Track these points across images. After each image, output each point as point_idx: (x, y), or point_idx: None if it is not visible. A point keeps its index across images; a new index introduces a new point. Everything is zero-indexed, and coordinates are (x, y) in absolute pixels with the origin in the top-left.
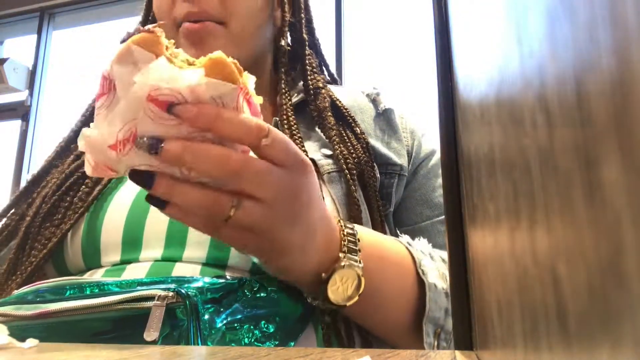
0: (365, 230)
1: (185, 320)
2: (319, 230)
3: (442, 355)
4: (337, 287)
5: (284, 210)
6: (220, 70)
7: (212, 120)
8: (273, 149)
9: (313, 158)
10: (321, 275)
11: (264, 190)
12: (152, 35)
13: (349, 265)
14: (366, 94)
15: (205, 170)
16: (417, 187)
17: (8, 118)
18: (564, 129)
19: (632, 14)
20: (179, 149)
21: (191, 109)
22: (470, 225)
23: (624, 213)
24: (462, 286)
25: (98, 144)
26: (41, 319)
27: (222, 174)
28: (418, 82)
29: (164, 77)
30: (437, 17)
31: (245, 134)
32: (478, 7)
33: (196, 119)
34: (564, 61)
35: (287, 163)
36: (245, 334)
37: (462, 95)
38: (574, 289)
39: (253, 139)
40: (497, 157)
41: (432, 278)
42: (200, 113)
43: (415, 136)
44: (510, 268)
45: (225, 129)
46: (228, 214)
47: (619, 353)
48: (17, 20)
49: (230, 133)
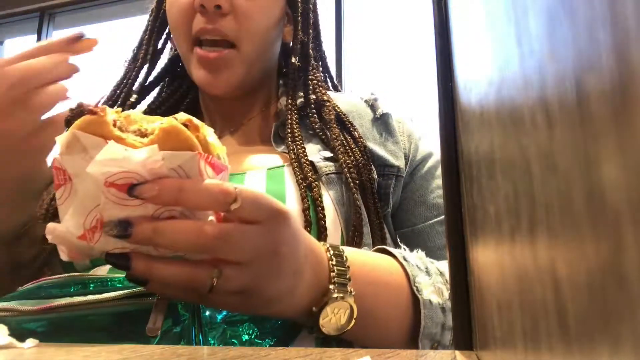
0: (354, 252)
1: (187, 316)
2: (306, 269)
3: (442, 355)
4: (329, 319)
5: (266, 266)
6: (175, 139)
7: (175, 195)
8: (244, 210)
9: (313, 160)
10: (312, 310)
11: (242, 253)
12: (97, 118)
13: (340, 297)
14: (364, 99)
15: (177, 247)
16: (415, 189)
17: None
18: (564, 129)
19: (632, 14)
20: (148, 230)
21: (152, 187)
22: (470, 225)
23: (624, 213)
24: (462, 286)
25: (67, 238)
26: (45, 313)
27: (196, 248)
28: (418, 82)
29: (117, 160)
30: (437, 17)
31: (213, 201)
32: (478, 7)
33: (159, 197)
34: (564, 61)
35: (260, 219)
36: (245, 330)
37: (462, 95)
38: (574, 289)
39: (221, 205)
40: (497, 157)
41: (427, 294)
42: (162, 190)
43: (412, 139)
44: (510, 268)
45: (191, 200)
46: (210, 284)
47: (619, 353)
48: (17, 20)
49: (196, 203)
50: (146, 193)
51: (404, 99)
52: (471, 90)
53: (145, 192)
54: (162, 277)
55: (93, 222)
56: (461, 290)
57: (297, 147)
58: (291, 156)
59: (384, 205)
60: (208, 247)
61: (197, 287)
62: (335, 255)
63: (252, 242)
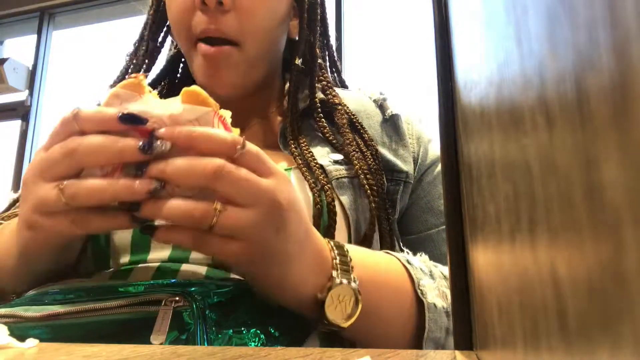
0: (357, 249)
1: (192, 324)
2: (308, 244)
3: (442, 355)
4: (335, 306)
5: (268, 216)
6: (195, 98)
7: (189, 136)
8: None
9: (322, 164)
10: (317, 297)
11: (245, 195)
12: (135, 80)
13: (344, 283)
14: (373, 99)
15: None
16: (423, 195)
17: (8, 118)
18: (564, 128)
19: (632, 14)
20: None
21: (171, 130)
22: (470, 224)
23: (624, 213)
24: (462, 286)
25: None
26: (49, 320)
27: (200, 179)
28: (418, 82)
29: (149, 107)
30: (437, 17)
31: (221, 144)
32: (478, 7)
33: (175, 138)
34: (564, 61)
35: (264, 174)
36: (251, 337)
37: (462, 95)
38: (574, 289)
39: (229, 148)
40: (497, 156)
41: (431, 298)
42: (179, 132)
43: (421, 142)
44: (511, 268)
45: (202, 143)
46: (212, 220)
47: (619, 353)
48: (17, 20)
49: (207, 146)
50: (165, 133)
51: (403, 99)
52: (471, 90)
53: (164, 133)
54: (168, 213)
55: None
56: (461, 290)
57: (304, 151)
58: (298, 161)
59: (392, 211)
60: (213, 179)
61: (200, 222)
62: (337, 247)
63: (254, 187)
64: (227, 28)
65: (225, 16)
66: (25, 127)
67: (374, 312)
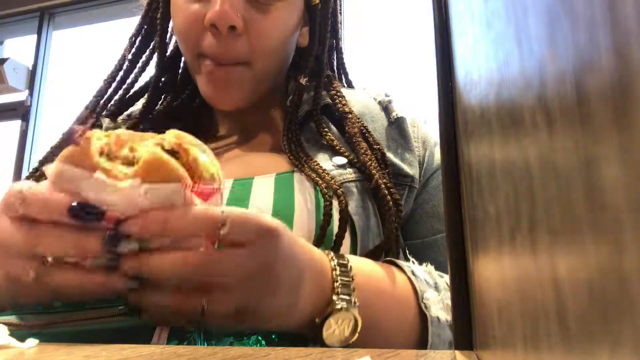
0: (360, 262)
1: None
2: (306, 282)
3: (442, 355)
4: (332, 331)
5: (259, 286)
6: (158, 171)
7: (161, 226)
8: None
9: (325, 168)
10: (315, 321)
11: (229, 277)
12: (80, 148)
13: (343, 308)
14: (378, 100)
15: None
16: (428, 199)
17: (8, 118)
18: (564, 129)
19: (632, 14)
20: (135, 263)
21: (135, 222)
22: (470, 225)
23: (624, 213)
24: (462, 286)
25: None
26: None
27: (182, 276)
28: (418, 82)
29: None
30: (437, 17)
31: (200, 228)
32: (478, 7)
33: (144, 230)
34: (564, 61)
35: (250, 240)
36: (252, 344)
37: (462, 95)
38: (574, 289)
39: (209, 231)
40: (497, 157)
41: (435, 311)
42: (146, 224)
43: (427, 146)
44: (511, 268)
45: (178, 229)
46: (202, 310)
47: (619, 353)
48: (17, 20)
49: (184, 232)
50: (133, 227)
51: (403, 99)
52: (471, 91)
53: (132, 227)
54: (155, 307)
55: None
56: (461, 290)
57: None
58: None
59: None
60: (193, 274)
61: (189, 314)
62: (340, 265)
63: (239, 265)
64: (237, 52)
65: (236, 40)
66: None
67: (376, 326)
